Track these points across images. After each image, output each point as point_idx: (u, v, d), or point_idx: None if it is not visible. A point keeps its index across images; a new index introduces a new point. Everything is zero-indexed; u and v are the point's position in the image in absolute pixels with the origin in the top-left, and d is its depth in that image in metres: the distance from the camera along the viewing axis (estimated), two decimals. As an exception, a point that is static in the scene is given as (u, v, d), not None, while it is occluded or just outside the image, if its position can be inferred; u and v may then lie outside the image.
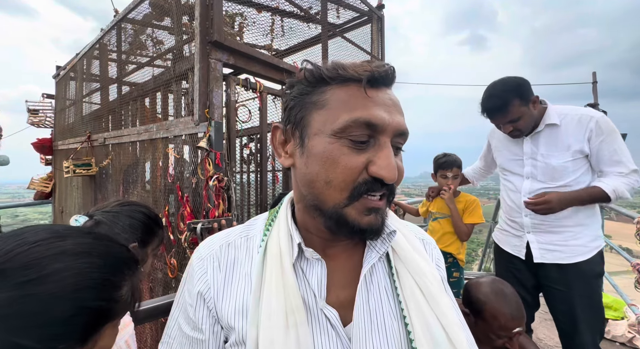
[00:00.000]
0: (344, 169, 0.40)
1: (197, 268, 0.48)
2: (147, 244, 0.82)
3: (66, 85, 3.08)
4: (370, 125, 0.40)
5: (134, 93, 1.97)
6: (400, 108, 0.43)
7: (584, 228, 1.27)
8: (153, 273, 1.69)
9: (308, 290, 0.45)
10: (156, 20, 1.84)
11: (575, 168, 1.24)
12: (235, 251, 0.49)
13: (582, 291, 1.25)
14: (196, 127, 1.32)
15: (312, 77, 0.43)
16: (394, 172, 0.40)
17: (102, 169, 2.27)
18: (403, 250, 0.49)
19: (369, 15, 2.41)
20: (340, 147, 0.40)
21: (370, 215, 0.41)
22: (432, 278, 0.47)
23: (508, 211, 1.45)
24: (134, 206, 0.83)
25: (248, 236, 0.50)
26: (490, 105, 1.28)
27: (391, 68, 0.43)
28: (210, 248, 0.49)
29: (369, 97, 0.40)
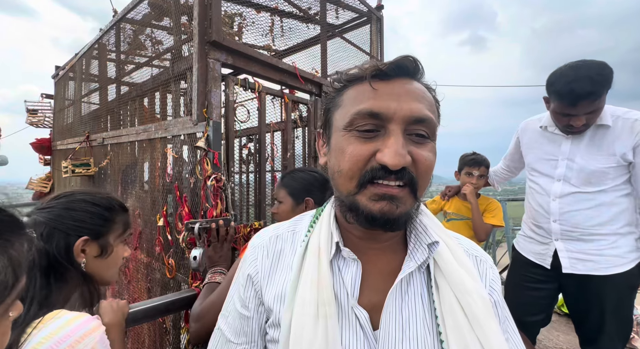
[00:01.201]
0: (350, 157, 0.42)
1: (250, 253, 0.54)
2: (105, 233, 0.74)
3: (65, 85, 3.07)
4: (374, 114, 0.41)
5: (132, 93, 1.97)
6: (420, 95, 0.43)
7: (621, 237, 1.15)
8: (151, 274, 1.69)
9: (342, 287, 0.46)
10: (155, 20, 1.84)
11: (616, 175, 1.14)
12: (282, 243, 0.53)
13: (614, 304, 1.16)
14: (194, 126, 1.32)
15: (336, 83, 0.49)
16: (396, 158, 0.39)
17: (100, 169, 2.26)
18: (446, 264, 0.47)
19: (368, 16, 2.41)
20: (349, 138, 0.43)
21: (381, 201, 0.41)
22: (478, 298, 0.44)
23: (533, 216, 1.33)
24: (71, 195, 0.74)
25: (295, 230, 0.55)
26: (581, 88, 1.05)
27: (405, 60, 0.43)
28: (262, 238, 0.55)
29: (375, 90, 0.42)
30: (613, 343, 1.19)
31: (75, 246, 0.68)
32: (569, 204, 1.21)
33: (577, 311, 1.28)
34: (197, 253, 1.17)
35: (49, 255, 0.65)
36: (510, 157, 1.61)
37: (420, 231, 0.49)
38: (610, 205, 1.15)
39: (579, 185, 1.18)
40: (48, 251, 0.66)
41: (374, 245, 0.48)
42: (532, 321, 1.36)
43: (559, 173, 1.23)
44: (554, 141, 1.27)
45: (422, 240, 0.48)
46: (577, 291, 1.24)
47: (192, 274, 1.31)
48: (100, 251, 0.73)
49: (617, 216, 1.15)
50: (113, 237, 0.76)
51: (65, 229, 0.69)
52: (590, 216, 1.17)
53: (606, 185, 1.15)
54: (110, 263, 0.76)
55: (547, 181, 1.27)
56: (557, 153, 1.25)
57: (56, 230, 0.68)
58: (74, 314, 0.59)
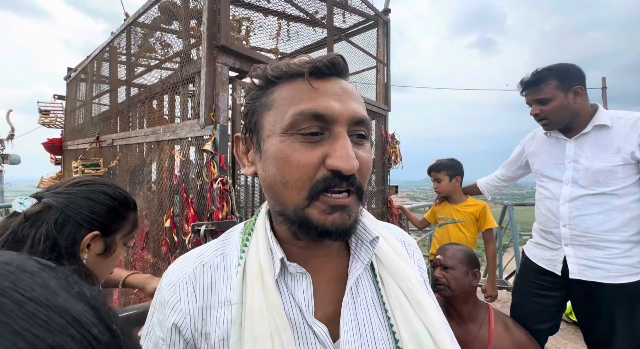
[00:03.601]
0: (298, 166, 0.37)
1: (169, 295, 0.42)
2: (114, 231, 0.69)
3: (77, 87, 3.14)
4: (319, 116, 0.37)
5: (142, 95, 2.00)
6: (355, 95, 0.41)
7: (634, 245, 1.13)
8: (157, 274, 1.71)
9: (294, 306, 0.41)
10: (165, 24, 1.88)
11: (626, 175, 1.12)
12: (212, 272, 0.43)
13: (624, 314, 1.14)
14: (202, 129, 1.34)
15: (259, 80, 0.42)
16: (351, 162, 0.36)
17: (109, 170, 2.30)
18: (386, 256, 0.47)
19: (375, 20, 2.42)
20: (292, 143, 0.38)
21: (334, 213, 0.38)
22: (416, 282, 0.46)
23: (543, 222, 1.32)
24: (93, 185, 0.68)
25: (224, 253, 0.46)
26: (527, 78, 1.24)
27: (338, 58, 0.41)
28: (182, 272, 0.44)
29: (315, 89, 0.39)
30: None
31: (84, 240, 0.63)
32: (578, 208, 1.19)
33: (586, 320, 1.26)
34: (203, 255, 1.19)
35: (56, 244, 0.59)
36: (508, 166, 1.61)
37: (360, 230, 0.46)
38: (623, 210, 1.13)
39: (588, 185, 1.17)
40: (57, 242, 0.59)
41: (319, 253, 0.45)
42: (540, 329, 1.34)
43: (567, 176, 1.23)
44: (559, 145, 1.28)
45: (363, 238, 0.46)
46: (586, 300, 1.22)
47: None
48: (104, 249, 0.68)
49: (630, 223, 1.12)
50: (120, 236, 0.71)
51: (79, 220, 0.63)
52: (601, 221, 1.15)
53: (616, 185, 1.12)
54: (109, 263, 0.71)
55: (556, 185, 1.27)
56: (563, 157, 1.25)
57: (70, 219, 0.62)
58: None
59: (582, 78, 1.19)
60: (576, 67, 1.19)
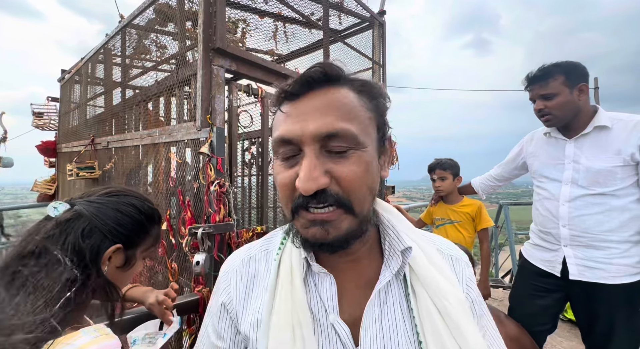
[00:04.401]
0: (280, 187, 0.42)
1: (222, 280, 0.52)
2: (137, 245, 0.69)
3: (71, 89, 3.11)
4: (284, 140, 0.40)
5: (137, 97, 1.99)
6: (329, 106, 0.39)
7: (633, 245, 1.14)
8: (154, 277, 1.70)
9: (319, 304, 0.45)
10: (160, 26, 1.87)
11: (625, 176, 1.13)
12: (256, 264, 0.51)
13: (623, 314, 1.15)
14: (198, 132, 1.34)
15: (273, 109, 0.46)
16: (307, 184, 0.37)
17: (105, 172, 2.28)
18: (420, 268, 0.45)
19: (371, 21, 2.43)
20: (277, 166, 0.43)
21: (312, 227, 0.39)
22: (455, 300, 0.43)
23: (541, 222, 1.33)
24: (124, 197, 0.68)
25: (268, 249, 0.52)
26: (534, 73, 1.24)
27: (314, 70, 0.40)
28: (233, 262, 0.53)
29: (284, 113, 0.41)
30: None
31: (107, 252, 0.62)
32: (578, 208, 1.20)
33: (585, 320, 1.26)
34: (201, 258, 1.18)
35: (82, 255, 0.59)
36: (504, 166, 1.62)
37: (393, 238, 0.46)
38: (622, 211, 1.14)
39: (588, 185, 1.18)
40: (83, 252, 0.59)
41: (344, 257, 0.46)
42: (541, 331, 1.35)
43: (567, 176, 1.23)
44: (558, 145, 1.29)
45: (395, 247, 0.46)
46: (585, 300, 1.22)
47: (195, 278, 1.32)
48: (124, 263, 0.67)
49: (629, 223, 1.14)
50: (141, 250, 0.70)
51: (106, 231, 0.62)
52: (601, 221, 1.16)
53: (615, 186, 1.14)
54: (127, 276, 0.70)
55: (556, 185, 1.27)
56: (563, 157, 1.26)
57: (97, 229, 0.61)
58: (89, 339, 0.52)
59: (587, 76, 1.21)
60: (582, 65, 1.20)
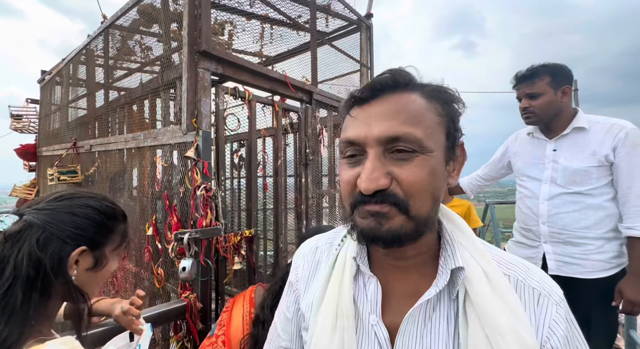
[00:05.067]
0: (343, 183, 0.45)
1: (295, 261, 0.60)
2: (103, 245, 0.67)
3: (51, 90, 3.02)
4: (350, 141, 0.44)
5: (121, 100, 1.95)
6: (396, 111, 0.41)
7: (606, 242, 1.19)
8: (140, 283, 1.66)
9: (365, 303, 0.47)
10: (144, 27, 1.84)
11: (600, 176, 1.18)
12: (320, 254, 0.57)
13: (599, 308, 1.18)
14: (184, 136, 1.32)
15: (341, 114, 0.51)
16: (367, 183, 0.40)
17: (88, 177, 2.22)
18: (477, 295, 0.41)
19: (358, 24, 2.45)
20: (342, 165, 0.46)
21: (367, 218, 0.41)
22: (514, 340, 0.38)
23: (523, 220, 1.38)
24: (76, 199, 0.66)
25: (332, 243, 0.57)
26: (522, 73, 1.30)
27: (383, 77, 0.44)
28: (305, 249, 0.60)
29: (353, 117, 0.45)
30: (599, 346, 1.22)
31: (71, 257, 0.61)
32: (556, 206, 1.25)
33: None
34: (187, 263, 1.17)
35: (41, 264, 0.57)
36: (491, 165, 1.66)
37: (448, 254, 0.44)
38: (597, 209, 1.19)
39: (565, 184, 1.23)
40: (41, 261, 0.57)
41: (397, 263, 0.47)
42: None
43: (546, 175, 1.28)
44: (540, 145, 1.34)
45: (448, 264, 0.44)
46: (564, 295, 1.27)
47: (182, 284, 1.30)
48: (94, 264, 0.66)
49: (603, 220, 1.19)
50: (110, 249, 0.69)
51: (64, 236, 0.60)
52: (577, 218, 1.21)
53: (591, 185, 1.19)
54: (101, 277, 0.69)
55: (536, 184, 1.32)
56: (543, 157, 1.31)
57: (54, 236, 0.59)
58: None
59: (572, 79, 1.26)
60: (567, 68, 1.25)
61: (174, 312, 1.19)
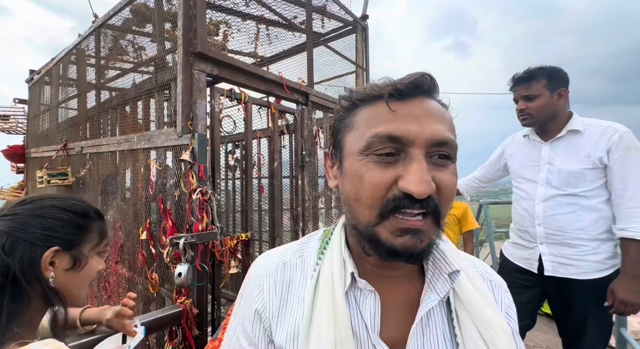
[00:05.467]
0: (370, 184, 0.38)
1: (255, 284, 0.48)
2: (79, 244, 0.66)
3: (40, 90, 2.95)
4: (394, 138, 0.38)
5: (113, 101, 1.91)
6: (440, 115, 0.40)
7: (601, 243, 1.21)
8: (133, 288, 1.63)
9: (360, 321, 0.43)
10: (137, 26, 1.80)
11: (594, 178, 1.20)
12: (291, 271, 0.48)
13: (594, 308, 1.20)
14: (179, 138, 1.30)
15: (345, 102, 0.45)
16: (422, 186, 0.36)
17: (78, 179, 2.18)
18: (465, 294, 0.44)
19: (354, 25, 2.45)
20: (367, 163, 0.39)
21: (404, 236, 0.37)
22: (501, 331, 0.42)
23: (519, 221, 1.39)
24: (39, 201, 0.65)
25: (303, 256, 0.50)
26: (519, 75, 1.31)
27: (423, 77, 0.40)
28: (266, 266, 0.50)
29: (392, 111, 0.39)
30: (594, 345, 1.25)
31: (44, 258, 0.60)
32: (552, 208, 1.26)
33: (560, 315, 1.33)
34: (183, 269, 1.15)
35: (9, 270, 0.56)
36: (488, 167, 1.68)
37: (438, 258, 0.44)
38: (592, 210, 1.21)
39: (560, 186, 1.24)
40: (9, 266, 0.56)
41: (390, 273, 0.45)
42: (520, 326, 1.40)
43: (542, 177, 1.29)
44: (535, 148, 1.35)
45: (441, 269, 0.44)
46: (560, 295, 1.29)
47: (177, 289, 1.28)
48: (73, 264, 0.65)
49: (598, 222, 1.20)
50: (88, 248, 0.68)
51: (31, 239, 0.59)
52: (572, 220, 1.22)
53: (585, 187, 1.20)
54: (83, 277, 0.67)
55: (532, 186, 1.33)
56: (538, 159, 1.32)
57: (20, 240, 0.59)
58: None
59: (567, 82, 1.27)
60: (564, 70, 1.27)
61: (170, 318, 1.17)
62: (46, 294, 0.60)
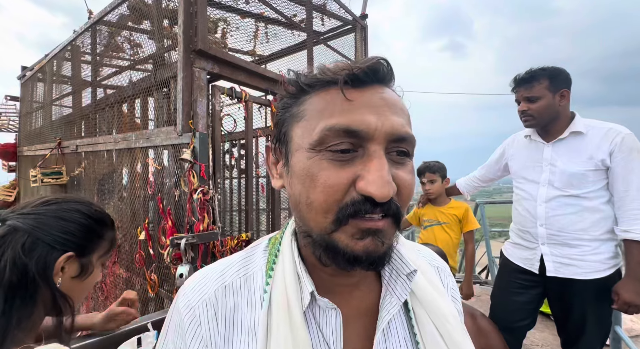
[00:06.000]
0: (324, 187, 0.33)
1: (188, 319, 0.38)
2: (90, 251, 0.65)
3: (33, 87, 2.89)
4: (351, 131, 0.33)
5: (110, 99, 1.88)
6: (398, 106, 0.36)
7: (602, 243, 1.21)
8: (131, 288, 1.61)
9: (322, 342, 0.38)
10: (135, 23, 1.77)
11: (596, 179, 1.20)
12: (235, 296, 0.40)
13: (594, 308, 1.22)
14: (179, 137, 1.28)
15: (292, 87, 0.38)
16: (385, 188, 0.32)
17: (73, 178, 2.13)
18: (421, 290, 0.42)
19: (353, 25, 2.44)
20: (320, 160, 0.34)
21: (365, 238, 0.33)
22: (454, 320, 0.41)
23: (520, 222, 1.39)
24: (64, 203, 0.64)
25: (247, 274, 0.42)
26: (521, 76, 1.30)
27: (380, 63, 0.36)
28: (202, 293, 0.40)
29: (349, 101, 0.34)
30: (592, 344, 1.26)
31: (58, 262, 0.59)
32: (553, 208, 1.26)
33: (560, 314, 1.34)
34: (184, 270, 1.13)
35: (25, 270, 0.55)
36: (488, 167, 1.68)
37: (395, 259, 0.42)
38: (593, 211, 1.21)
39: (562, 187, 1.25)
40: (27, 266, 0.55)
41: (345, 281, 0.41)
42: (520, 326, 1.42)
43: (544, 178, 1.29)
44: (537, 148, 1.35)
45: (399, 270, 0.41)
46: (560, 295, 1.30)
47: (177, 290, 1.26)
48: (80, 271, 0.64)
49: (599, 222, 1.21)
50: (97, 256, 0.67)
51: (50, 241, 0.59)
52: (574, 220, 1.23)
53: (587, 188, 1.21)
54: (87, 285, 0.67)
55: (534, 186, 1.33)
56: (541, 160, 1.32)
57: (40, 241, 0.58)
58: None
59: (569, 83, 1.27)
60: (566, 71, 1.27)
61: (170, 320, 1.15)
62: (54, 299, 0.59)
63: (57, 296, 0.59)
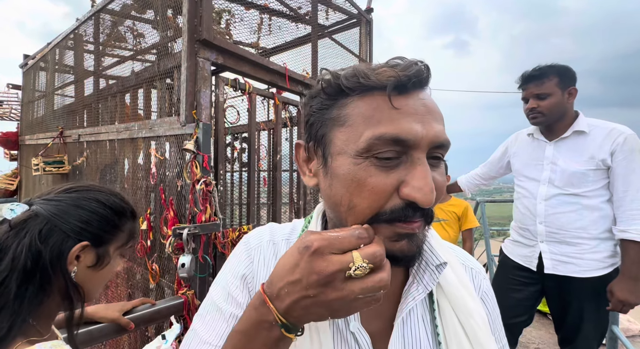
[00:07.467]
0: (371, 193, 0.35)
1: (245, 255, 0.49)
2: (107, 242, 0.64)
3: (35, 76, 2.87)
4: (399, 140, 0.34)
5: (113, 88, 1.87)
6: (438, 113, 0.37)
7: (600, 242, 1.22)
8: (132, 278, 1.62)
9: (342, 319, 0.41)
10: (137, 12, 1.76)
11: (596, 179, 1.20)
12: (277, 251, 0.49)
13: (591, 306, 1.22)
14: (182, 128, 1.27)
15: (330, 88, 0.38)
16: (430, 195, 0.33)
17: (75, 167, 2.14)
18: (448, 284, 0.43)
19: (358, 19, 2.42)
20: (367, 167, 0.35)
21: (401, 241, 0.35)
22: (480, 319, 0.42)
23: (520, 220, 1.40)
24: (85, 192, 0.64)
25: (289, 240, 0.50)
26: (530, 73, 1.29)
27: (423, 67, 0.36)
28: (259, 241, 0.50)
29: (395, 108, 0.35)
30: (589, 342, 1.28)
31: (72, 252, 0.58)
32: (553, 206, 1.27)
33: (558, 312, 1.35)
34: (186, 260, 1.14)
35: (40, 257, 0.55)
36: (490, 165, 1.68)
37: (425, 250, 0.43)
38: (593, 210, 1.22)
39: (562, 186, 1.25)
40: (41, 253, 0.55)
41: None
42: (516, 322, 1.43)
43: (545, 176, 1.30)
44: (539, 147, 1.35)
45: (428, 261, 0.42)
46: (558, 293, 1.31)
47: (178, 280, 1.27)
48: (96, 261, 0.63)
49: (598, 221, 1.21)
50: (114, 247, 0.66)
51: (67, 229, 0.58)
52: (574, 219, 1.24)
53: (587, 187, 1.21)
54: (103, 276, 0.66)
55: (534, 184, 1.34)
56: (542, 158, 1.32)
57: (57, 228, 0.57)
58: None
59: (576, 80, 1.27)
60: (572, 69, 1.26)
61: (172, 309, 1.16)
62: (67, 288, 0.59)
63: (69, 285, 0.59)
